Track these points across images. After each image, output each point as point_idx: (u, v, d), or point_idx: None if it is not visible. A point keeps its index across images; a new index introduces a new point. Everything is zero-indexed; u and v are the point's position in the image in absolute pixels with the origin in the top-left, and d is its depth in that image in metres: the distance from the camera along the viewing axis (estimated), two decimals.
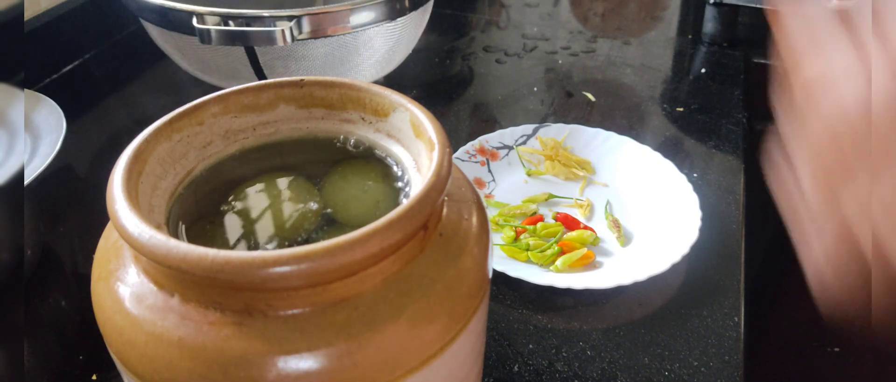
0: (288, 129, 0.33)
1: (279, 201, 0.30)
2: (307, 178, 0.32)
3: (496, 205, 0.58)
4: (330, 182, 0.31)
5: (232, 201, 0.30)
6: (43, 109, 0.54)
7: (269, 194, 0.31)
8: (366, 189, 0.31)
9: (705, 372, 0.44)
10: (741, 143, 0.67)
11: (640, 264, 0.50)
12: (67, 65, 0.80)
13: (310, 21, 0.55)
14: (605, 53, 0.85)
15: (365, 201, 0.30)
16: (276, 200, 0.30)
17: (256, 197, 0.30)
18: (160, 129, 0.29)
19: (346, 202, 0.30)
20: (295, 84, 0.32)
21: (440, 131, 0.29)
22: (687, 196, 0.56)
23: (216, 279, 0.23)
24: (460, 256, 0.28)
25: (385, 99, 0.32)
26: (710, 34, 0.85)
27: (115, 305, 0.26)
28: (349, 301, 0.25)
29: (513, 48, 0.86)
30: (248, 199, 0.30)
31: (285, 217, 0.29)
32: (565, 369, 0.45)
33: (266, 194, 0.31)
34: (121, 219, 0.24)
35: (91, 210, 0.60)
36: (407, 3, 0.60)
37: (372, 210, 0.30)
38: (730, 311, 0.49)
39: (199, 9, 0.54)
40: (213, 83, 0.64)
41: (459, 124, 0.72)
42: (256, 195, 0.30)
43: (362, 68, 0.64)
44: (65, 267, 0.55)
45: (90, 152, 0.68)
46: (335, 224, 0.29)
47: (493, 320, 0.48)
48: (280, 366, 0.24)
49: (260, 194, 0.31)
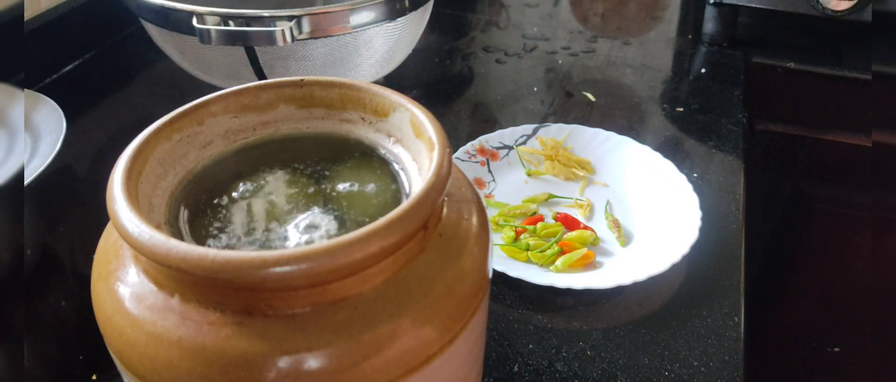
0: (288, 129, 0.33)
1: (279, 201, 0.30)
2: (307, 178, 0.32)
3: (496, 205, 0.58)
4: (330, 182, 0.31)
5: (232, 202, 0.30)
6: (43, 109, 0.54)
7: (269, 195, 0.31)
8: (366, 189, 0.31)
9: (705, 372, 0.44)
10: (741, 143, 0.67)
11: (640, 264, 0.50)
12: (67, 65, 0.80)
13: (310, 21, 0.54)
14: (605, 53, 0.85)
15: (365, 202, 0.30)
16: (276, 200, 0.30)
17: (256, 198, 0.30)
18: (160, 129, 0.29)
19: (346, 203, 0.30)
20: (295, 84, 0.32)
21: (440, 131, 0.29)
22: (687, 196, 0.56)
23: (216, 279, 0.23)
24: (460, 256, 0.28)
25: (385, 99, 0.32)
26: (710, 34, 0.85)
27: (115, 305, 0.26)
28: (349, 301, 0.25)
29: (513, 48, 0.86)
30: (248, 199, 0.30)
31: (285, 217, 0.29)
32: (565, 369, 0.45)
33: (266, 195, 0.31)
34: (121, 219, 0.24)
35: (91, 210, 0.60)
36: (407, 3, 0.60)
37: (372, 210, 0.30)
38: (730, 311, 0.49)
39: (199, 9, 0.54)
40: (213, 83, 0.64)
41: (459, 124, 0.72)
42: (256, 196, 0.30)
43: (362, 68, 0.64)
44: (65, 267, 0.55)
45: (90, 152, 0.68)
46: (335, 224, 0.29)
47: (493, 320, 0.48)
48: (280, 366, 0.24)
49: (260, 195, 0.31)
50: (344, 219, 0.29)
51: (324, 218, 0.29)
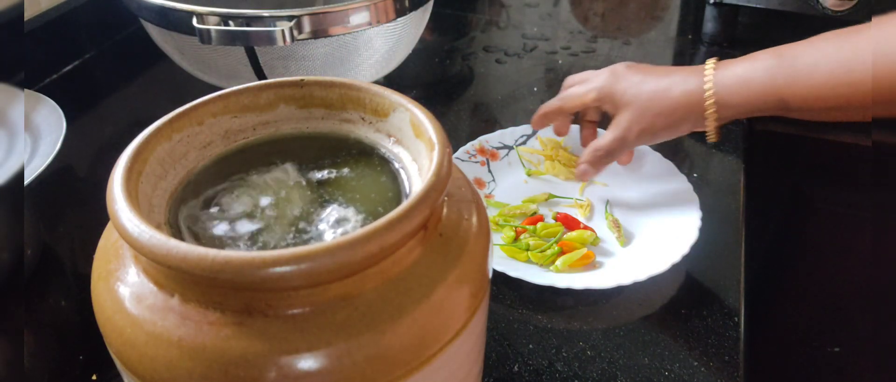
0: (288, 129, 0.33)
1: (279, 201, 0.30)
2: (307, 178, 0.32)
3: (496, 205, 0.58)
4: (330, 182, 0.31)
5: (232, 201, 0.30)
6: (43, 109, 0.54)
7: (269, 195, 0.31)
8: (365, 189, 0.31)
9: (705, 372, 0.44)
10: (741, 143, 0.67)
11: (640, 264, 0.50)
12: (67, 65, 0.80)
13: (310, 21, 0.54)
14: (605, 53, 0.85)
15: (365, 201, 0.30)
16: (276, 200, 0.30)
17: (256, 197, 0.30)
18: (160, 129, 0.29)
19: (346, 202, 0.30)
20: (295, 84, 0.32)
21: (440, 131, 0.29)
22: (687, 196, 0.56)
23: (216, 279, 0.23)
24: (460, 256, 0.28)
25: (385, 99, 0.32)
26: (710, 34, 0.85)
27: (115, 305, 0.26)
28: (349, 301, 0.25)
29: (513, 48, 0.86)
30: (248, 199, 0.30)
31: (285, 217, 0.29)
32: (565, 369, 0.45)
33: (266, 195, 0.31)
34: (121, 219, 0.24)
35: (91, 210, 0.60)
36: (407, 3, 0.60)
37: (372, 210, 0.30)
38: (730, 311, 0.49)
39: (199, 9, 0.54)
40: (213, 83, 0.64)
41: (459, 124, 0.72)
42: (256, 196, 0.30)
43: (362, 68, 0.64)
44: (65, 267, 0.55)
45: (90, 152, 0.68)
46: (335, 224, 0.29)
47: (493, 320, 0.48)
48: (280, 366, 0.24)
49: (260, 195, 0.31)
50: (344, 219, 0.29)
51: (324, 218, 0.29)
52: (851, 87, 0.43)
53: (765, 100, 0.47)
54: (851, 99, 0.43)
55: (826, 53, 0.44)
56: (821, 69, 0.44)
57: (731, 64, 0.49)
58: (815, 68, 0.44)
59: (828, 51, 0.44)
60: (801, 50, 0.46)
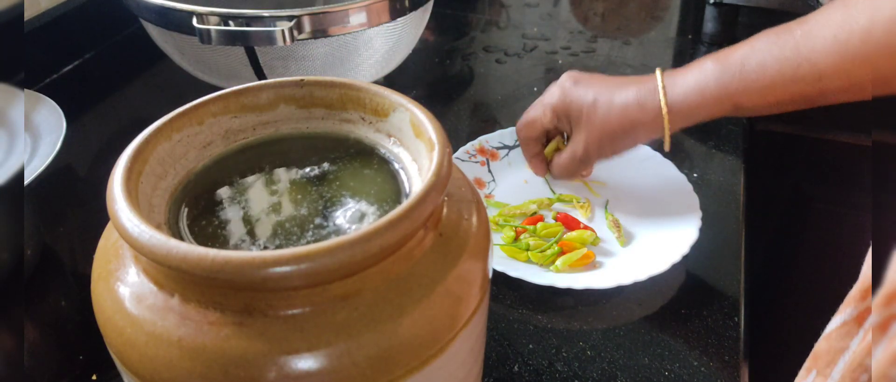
0: (288, 129, 0.33)
1: (279, 201, 0.30)
2: (307, 178, 0.32)
3: (496, 205, 0.58)
4: (329, 182, 0.31)
5: (232, 201, 0.30)
6: (43, 109, 0.54)
7: (269, 194, 0.31)
8: (365, 189, 0.31)
9: (705, 372, 0.44)
10: (741, 143, 0.67)
11: (640, 264, 0.50)
12: (67, 65, 0.80)
13: (310, 21, 0.55)
14: (605, 53, 0.85)
15: (365, 202, 0.30)
16: (276, 200, 0.30)
17: (257, 197, 0.30)
18: (160, 129, 0.29)
19: (345, 202, 0.30)
20: (295, 84, 0.32)
21: (440, 131, 0.29)
22: (687, 196, 0.56)
23: (216, 279, 0.23)
24: (460, 256, 0.28)
25: (385, 99, 0.32)
26: (710, 34, 0.86)
27: (115, 305, 0.26)
28: (349, 301, 0.25)
29: (513, 48, 0.86)
30: (248, 199, 0.30)
31: (285, 217, 0.29)
32: (565, 369, 0.45)
33: (266, 194, 0.31)
34: (121, 219, 0.24)
35: (91, 210, 0.60)
36: (407, 3, 0.60)
37: (372, 210, 0.30)
38: (730, 311, 0.49)
39: (199, 9, 0.54)
40: (213, 83, 0.64)
41: (459, 124, 0.72)
42: (257, 195, 0.31)
43: (362, 68, 0.64)
44: (65, 267, 0.55)
45: (90, 152, 0.68)
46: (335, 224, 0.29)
47: (493, 320, 0.48)
48: (280, 366, 0.24)
49: (260, 194, 0.31)
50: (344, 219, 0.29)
51: (324, 218, 0.29)
52: (799, 82, 0.44)
53: (719, 106, 0.48)
54: (802, 93, 0.44)
55: (770, 53, 0.45)
56: (769, 70, 0.45)
57: (679, 73, 0.50)
58: (764, 70, 0.45)
59: (772, 51, 0.45)
60: (744, 53, 0.46)
